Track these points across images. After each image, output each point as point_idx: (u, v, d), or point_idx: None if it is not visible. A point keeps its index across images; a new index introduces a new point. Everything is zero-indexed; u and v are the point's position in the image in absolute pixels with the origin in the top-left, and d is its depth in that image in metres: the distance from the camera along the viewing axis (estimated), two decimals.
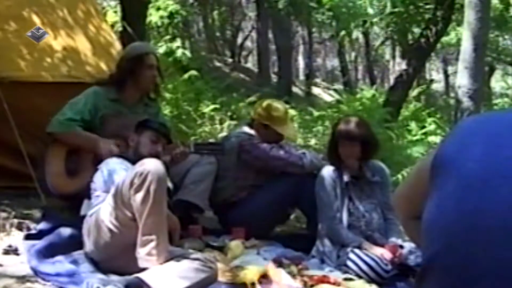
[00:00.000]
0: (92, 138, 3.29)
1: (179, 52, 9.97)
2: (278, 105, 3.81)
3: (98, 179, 2.83)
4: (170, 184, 3.12)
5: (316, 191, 3.34)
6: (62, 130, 3.31)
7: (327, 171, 3.36)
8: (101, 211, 2.65)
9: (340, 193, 3.29)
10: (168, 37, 10.43)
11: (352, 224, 3.26)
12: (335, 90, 14.28)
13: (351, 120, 3.42)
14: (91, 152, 3.29)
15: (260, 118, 3.71)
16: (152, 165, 2.51)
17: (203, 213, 3.59)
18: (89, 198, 2.85)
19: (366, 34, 17.65)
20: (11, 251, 2.91)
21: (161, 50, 10.00)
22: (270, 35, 15.64)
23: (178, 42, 10.31)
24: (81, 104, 3.36)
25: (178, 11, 10.74)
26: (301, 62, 22.13)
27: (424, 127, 9.71)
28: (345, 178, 3.32)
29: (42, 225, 3.09)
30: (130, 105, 3.46)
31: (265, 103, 3.78)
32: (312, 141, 7.75)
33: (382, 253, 3.07)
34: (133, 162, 2.71)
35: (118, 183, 2.58)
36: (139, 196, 2.46)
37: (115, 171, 2.78)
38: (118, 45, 4.46)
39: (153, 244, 2.47)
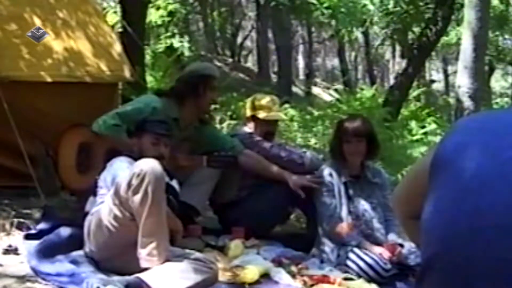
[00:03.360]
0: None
1: (177, 43, 9.94)
2: (262, 95, 3.91)
3: (105, 177, 2.83)
4: (177, 186, 3.11)
5: (314, 190, 3.35)
6: (108, 133, 3.19)
7: (326, 170, 3.37)
8: (101, 211, 2.65)
9: (338, 192, 3.30)
10: (168, 34, 10.43)
11: (352, 223, 3.26)
12: (335, 89, 14.26)
13: (356, 118, 3.48)
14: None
15: (248, 112, 3.79)
16: (149, 166, 2.50)
17: (199, 216, 3.59)
18: (95, 195, 2.85)
19: (366, 34, 17.65)
20: (11, 251, 2.91)
21: (161, 48, 9.99)
22: (270, 35, 15.64)
23: (177, 39, 10.31)
24: (133, 113, 3.22)
25: (177, 9, 10.73)
26: (301, 61, 22.14)
27: (424, 126, 9.71)
28: (344, 177, 3.32)
29: (42, 225, 3.09)
30: (183, 127, 3.39)
31: (252, 97, 3.88)
32: (312, 141, 7.75)
33: (381, 252, 3.08)
34: None
35: (116, 184, 2.58)
36: (138, 197, 2.46)
37: (120, 170, 2.77)
38: (118, 46, 4.46)
39: (153, 244, 2.47)
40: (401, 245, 3.14)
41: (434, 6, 9.68)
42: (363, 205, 3.31)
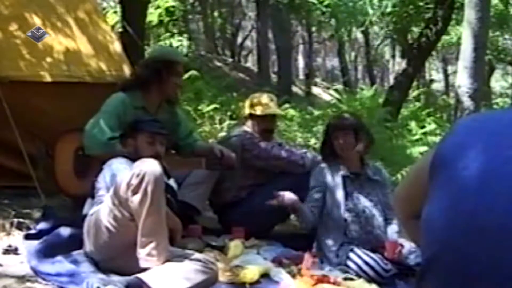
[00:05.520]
0: None
1: (176, 43, 9.95)
2: (259, 93, 3.92)
3: (102, 179, 2.83)
4: (174, 185, 3.12)
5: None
6: (106, 151, 3.12)
7: (319, 168, 3.39)
8: (100, 211, 2.65)
9: (334, 189, 3.29)
10: (167, 34, 10.43)
11: (352, 220, 3.26)
12: (335, 89, 14.27)
13: (342, 114, 3.62)
14: None
15: (246, 111, 3.81)
16: (148, 166, 2.50)
17: (200, 215, 3.59)
18: (93, 197, 2.85)
19: (366, 34, 17.65)
20: (11, 251, 2.91)
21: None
22: (270, 35, 15.64)
23: (177, 39, 10.33)
24: (115, 118, 3.23)
25: (176, 7, 10.73)
26: (301, 61, 22.14)
27: (424, 126, 9.73)
28: (342, 173, 3.33)
29: (42, 225, 3.09)
30: (153, 113, 3.39)
31: (248, 98, 3.89)
32: (312, 141, 7.75)
33: (382, 251, 3.09)
34: None
35: (116, 184, 2.58)
36: (137, 197, 2.45)
37: (118, 171, 2.77)
38: (118, 45, 4.46)
39: (153, 244, 2.47)
40: (401, 245, 3.14)
41: (434, 6, 9.68)
42: (363, 202, 3.32)
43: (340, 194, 3.29)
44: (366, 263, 3.02)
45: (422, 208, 1.15)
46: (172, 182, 3.09)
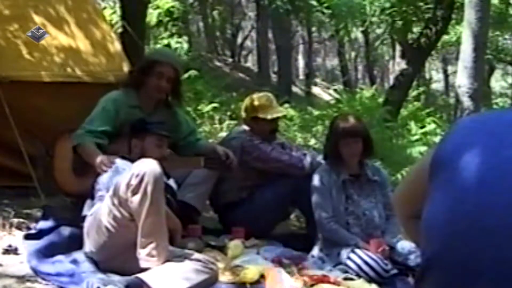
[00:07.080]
0: (94, 155, 3.10)
1: (175, 44, 9.95)
2: (260, 94, 3.86)
3: (102, 180, 2.83)
4: (174, 185, 3.12)
5: (311, 192, 3.34)
6: (77, 142, 3.21)
7: (323, 170, 3.36)
8: (100, 212, 2.65)
9: (336, 192, 3.29)
10: (167, 33, 10.43)
11: (353, 222, 3.26)
12: (335, 89, 14.28)
13: (349, 117, 3.44)
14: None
15: (247, 113, 3.77)
16: (148, 166, 2.50)
17: (199, 215, 3.59)
18: (92, 198, 2.85)
19: (366, 34, 17.64)
20: (11, 251, 2.91)
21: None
22: (270, 35, 15.64)
23: (176, 40, 10.33)
24: (103, 114, 3.27)
25: (175, 7, 10.72)
26: (301, 61, 22.13)
27: (423, 126, 9.72)
28: (343, 176, 3.32)
29: (42, 225, 3.09)
30: (148, 112, 3.37)
31: (247, 98, 3.84)
32: (312, 141, 7.75)
33: (367, 248, 3.09)
34: None
35: (115, 184, 2.58)
36: (137, 197, 2.46)
37: (118, 171, 2.77)
38: (118, 45, 4.45)
39: (153, 245, 2.47)
40: (392, 247, 3.14)
41: (434, 6, 9.68)
42: (364, 204, 3.31)
43: (341, 197, 3.28)
44: (366, 263, 3.02)
45: (422, 208, 1.15)
46: (172, 182, 3.09)
